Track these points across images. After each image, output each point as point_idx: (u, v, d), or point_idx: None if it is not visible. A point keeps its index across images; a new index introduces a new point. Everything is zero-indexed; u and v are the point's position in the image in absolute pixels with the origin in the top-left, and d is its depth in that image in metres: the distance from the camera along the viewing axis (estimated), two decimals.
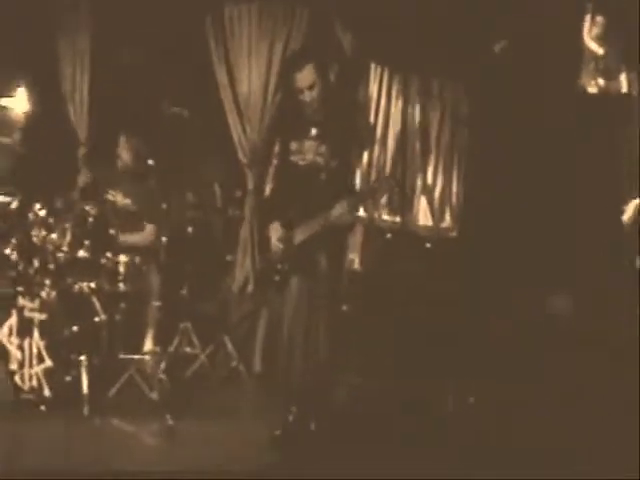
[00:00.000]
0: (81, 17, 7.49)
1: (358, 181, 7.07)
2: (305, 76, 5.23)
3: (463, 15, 6.69)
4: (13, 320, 5.92)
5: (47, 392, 5.79)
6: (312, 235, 5.20)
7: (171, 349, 6.67)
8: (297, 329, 5.20)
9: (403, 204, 7.42)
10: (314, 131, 5.29)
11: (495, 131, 7.10)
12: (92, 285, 6.18)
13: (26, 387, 5.84)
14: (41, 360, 5.81)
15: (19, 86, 7.69)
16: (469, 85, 7.52)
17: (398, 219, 7.47)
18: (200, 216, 7.10)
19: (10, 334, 5.91)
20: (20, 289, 6.00)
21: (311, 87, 5.25)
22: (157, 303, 6.38)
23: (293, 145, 5.35)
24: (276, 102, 7.08)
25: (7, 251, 6.11)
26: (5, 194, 6.40)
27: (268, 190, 6.42)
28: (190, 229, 6.88)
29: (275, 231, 5.32)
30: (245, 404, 6.25)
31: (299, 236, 5.25)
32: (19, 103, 7.74)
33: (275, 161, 5.58)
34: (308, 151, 5.28)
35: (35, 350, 5.82)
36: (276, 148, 5.85)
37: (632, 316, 6.73)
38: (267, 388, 6.27)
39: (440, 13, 6.73)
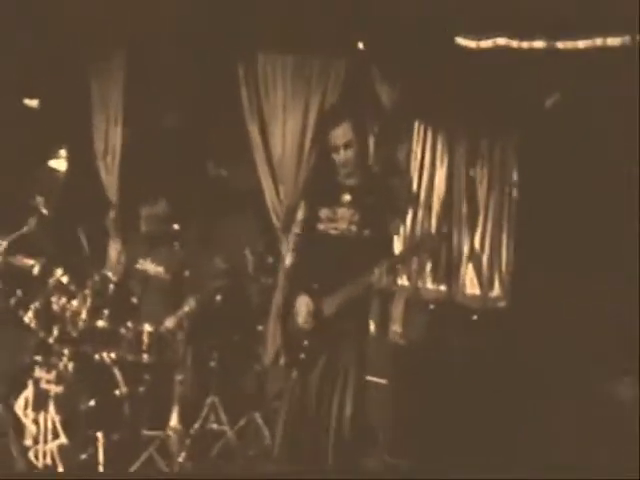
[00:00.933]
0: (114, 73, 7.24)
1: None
2: (341, 133, 4.94)
3: (513, 69, 6.26)
4: (29, 392, 5.60)
5: (61, 470, 5.43)
6: (345, 305, 4.83)
7: (196, 425, 6.23)
8: (325, 406, 4.87)
9: (449, 271, 6.97)
10: (347, 197, 4.96)
11: (547, 193, 6.62)
12: (113, 356, 5.89)
13: (40, 465, 5.48)
14: (56, 436, 5.47)
15: (62, 147, 7.57)
16: (519, 144, 7.05)
17: (443, 288, 7.02)
18: (230, 283, 6.73)
19: (26, 407, 5.60)
20: (38, 359, 5.68)
21: (347, 146, 4.93)
22: (183, 376, 5.99)
23: (323, 212, 5.01)
24: (311, 163, 6.68)
25: (26, 319, 5.78)
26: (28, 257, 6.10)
27: (289, 261, 6.02)
28: (219, 297, 6.51)
29: (305, 305, 4.93)
30: None
31: (330, 307, 4.88)
32: (62, 164, 7.59)
33: (297, 230, 5.24)
34: (341, 219, 4.94)
35: (50, 425, 5.49)
36: (299, 215, 5.51)
37: None
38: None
39: (487, 68, 6.31)
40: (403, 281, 6.91)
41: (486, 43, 6.12)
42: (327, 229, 4.96)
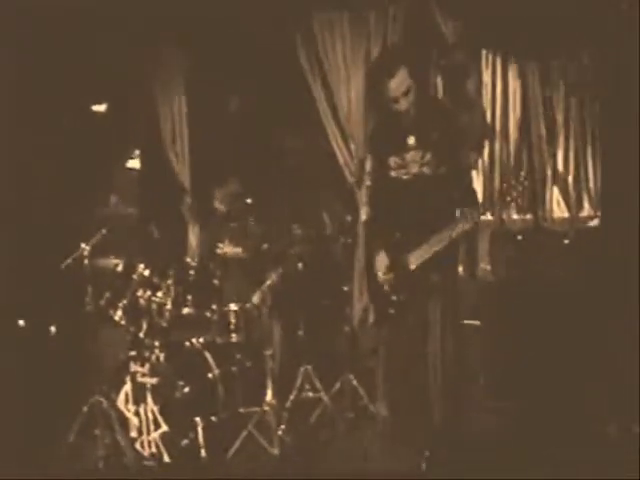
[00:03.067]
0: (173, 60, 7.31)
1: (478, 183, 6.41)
2: (399, 82, 4.73)
3: None
4: (128, 387, 5.78)
5: (166, 458, 5.60)
6: (432, 256, 4.70)
7: (292, 397, 6.25)
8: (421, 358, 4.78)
9: (534, 198, 6.62)
10: (412, 140, 4.79)
11: (628, 104, 6.13)
12: (202, 340, 6.05)
13: (146, 454, 5.68)
14: (158, 425, 5.65)
15: (136, 147, 7.73)
16: (595, 54, 6.57)
17: (529, 216, 6.68)
18: (310, 249, 6.66)
19: (127, 401, 5.78)
20: (132, 354, 5.86)
21: (406, 93, 4.74)
22: (272, 350, 5.97)
23: (392, 161, 4.87)
24: (376, 114, 6.49)
25: (117, 317, 5.95)
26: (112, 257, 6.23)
27: (365, 216, 5.87)
28: (300, 264, 6.46)
29: (381, 262, 4.84)
30: (377, 448, 5.62)
31: (416, 260, 4.77)
32: (137, 163, 7.76)
33: (368, 182, 5.10)
34: (411, 163, 4.78)
35: (151, 416, 5.67)
36: (367, 166, 5.35)
37: None
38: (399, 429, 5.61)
39: None
40: (486, 215, 6.61)
41: None
42: (399, 175, 4.82)
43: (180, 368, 5.83)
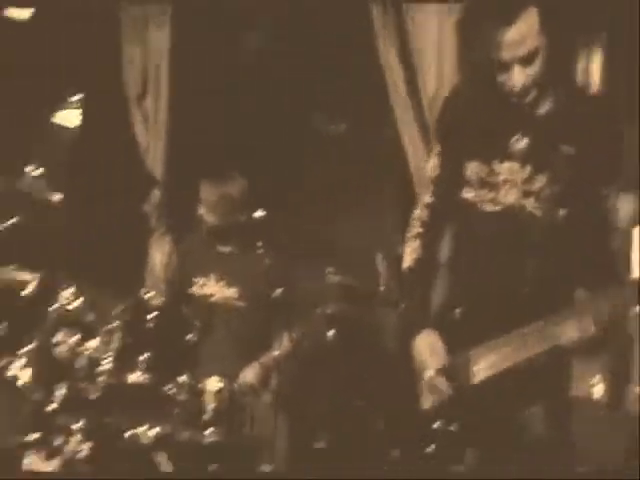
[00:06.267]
0: None
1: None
2: (519, 34, 2.70)
3: None
4: None
5: None
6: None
7: None
8: None
9: None
10: (523, 142, 2.87)
11: None
12: (154, 432, 3.97)
13: None
14: None
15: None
16: None
17: None
18: (349, 310, 4.62)
19: None
20: (30, 438, 3.90)
21: (531, 57, 2.74)
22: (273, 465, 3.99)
23: (473, 172, 2.94)
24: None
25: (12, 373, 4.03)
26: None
27: (409, 262, 3.71)
28: (331, 332, 4.43)
29: (431, 355, 2.94)
30: None
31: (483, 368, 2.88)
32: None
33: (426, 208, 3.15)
34: (505, 185, 2.89)
35: None
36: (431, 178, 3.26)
37: None
38: None
39: None
40: None
41: None
42: (479, 201, 2.94)
43: (111, 474, 3.91)
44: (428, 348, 2.89)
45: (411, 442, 3.11)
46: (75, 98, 5.31)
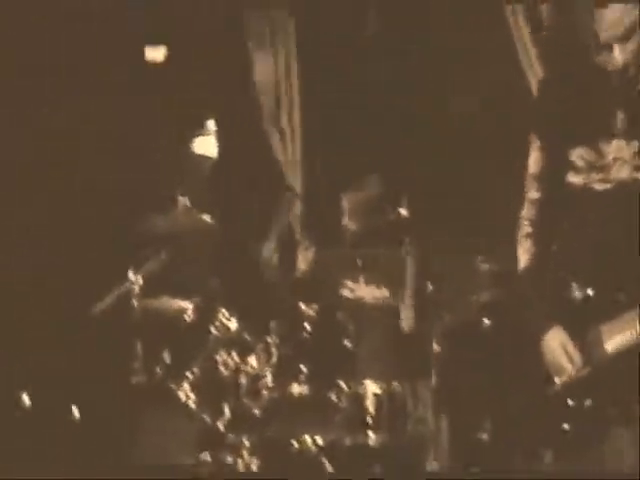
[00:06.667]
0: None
1: None
2: (617, 15, 2.77)
3: None
4: None
5: None
6: None
7: None
8: None
9: None
10: (624, 121, 2.88)
11: None
12: (320, 440, 4.05)
13: None
14: None
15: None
16: None
17: None
18: (503, 297, 4.38)
19: None
20: (203, 457, 4.06)
21: (629, 34, 2.79)
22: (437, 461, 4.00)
23: (579, 156, 2.94)
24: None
25: (181, 395, 4.18)
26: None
27: (523, 262, 3.60)
28: (486, 320, 4.26)
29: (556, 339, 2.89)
30: None
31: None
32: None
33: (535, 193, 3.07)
34: (614, 162, 2.90)
35: None
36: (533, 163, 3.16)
37: None
38: None
39: None
40: None
41: None
42: (587, 182, 2.92)
43: None
44: (559, 346, 2.84)
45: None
46: (209, 122, 5.42)
